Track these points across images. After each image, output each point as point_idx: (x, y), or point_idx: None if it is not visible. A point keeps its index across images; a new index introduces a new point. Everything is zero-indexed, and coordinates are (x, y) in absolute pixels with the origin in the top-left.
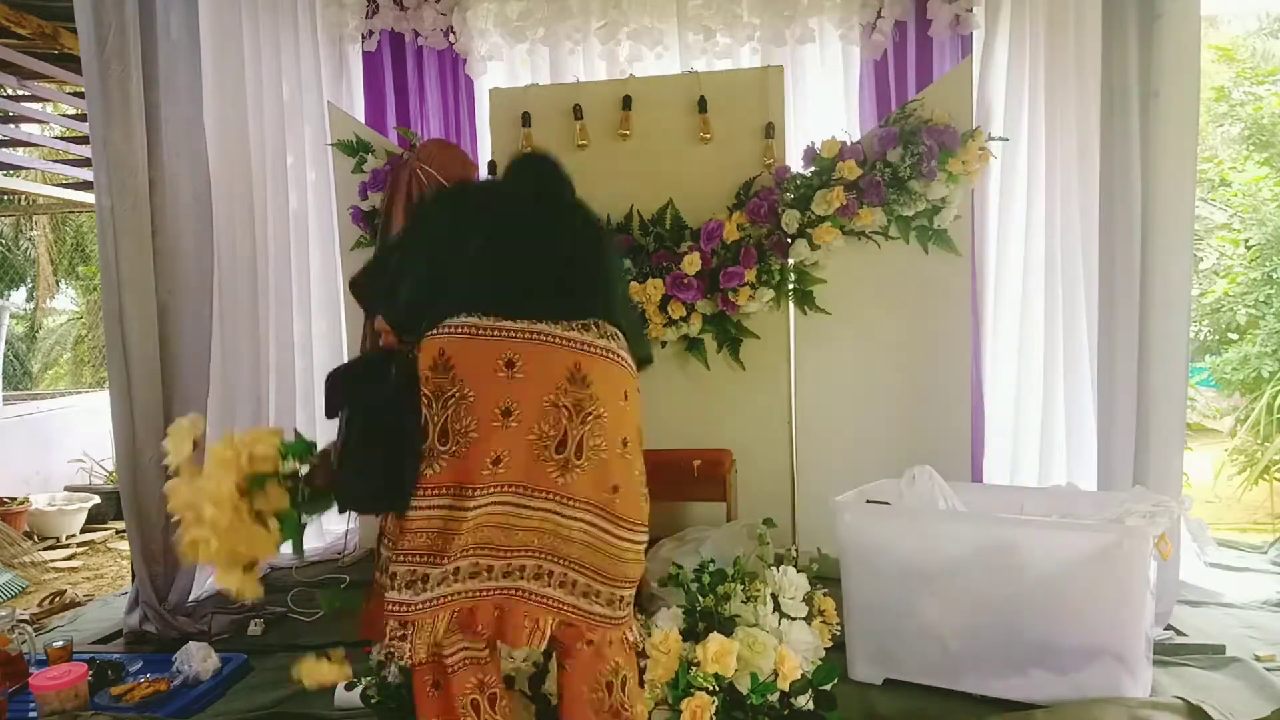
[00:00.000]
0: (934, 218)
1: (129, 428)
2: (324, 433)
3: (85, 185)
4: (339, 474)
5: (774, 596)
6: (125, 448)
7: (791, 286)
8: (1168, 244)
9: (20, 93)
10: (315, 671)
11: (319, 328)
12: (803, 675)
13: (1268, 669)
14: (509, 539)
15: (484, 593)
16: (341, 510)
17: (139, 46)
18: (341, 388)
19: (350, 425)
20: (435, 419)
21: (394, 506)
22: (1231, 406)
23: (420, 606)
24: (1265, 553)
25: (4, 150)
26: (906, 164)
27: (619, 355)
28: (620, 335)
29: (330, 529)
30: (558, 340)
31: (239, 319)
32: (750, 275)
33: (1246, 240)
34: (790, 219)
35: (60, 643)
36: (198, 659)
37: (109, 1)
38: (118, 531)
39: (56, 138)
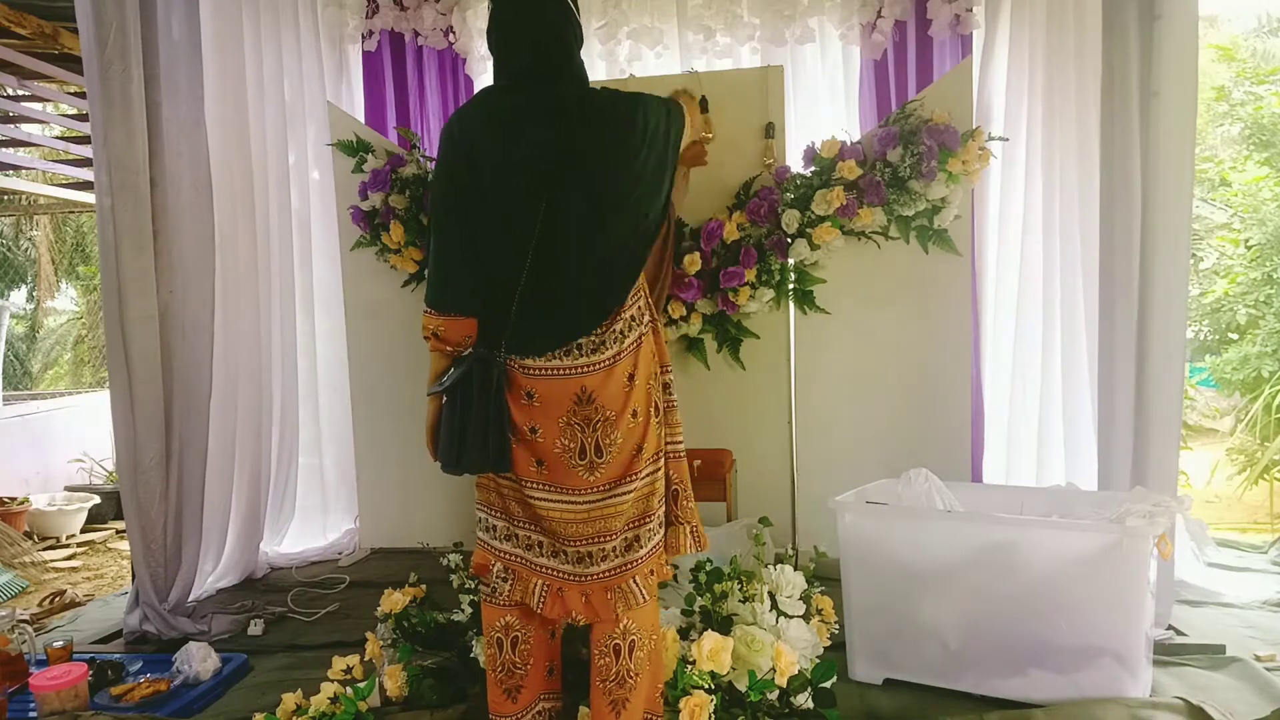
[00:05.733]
0: (934, 218)
1: (129, 428)
2: (327, 428)
3: (85, 185)
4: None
5: (771, 595)
6: (125, 448)
7: (791, 286)
8: (1166, 244)
9: (20, 93)
10: None
11: (322, 328)
12: (801, 673)
13: (1268, 669)
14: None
15: (568, 577)
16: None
17: (140, 46)
18: None
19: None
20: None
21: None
22: (1231, 406)
23: (518, 560)
24: (1265, 553)
25: (4, 150)
26: (906, 164)
27: (616, 356)
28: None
29: (337, 535)
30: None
31: (240, 319)
32: (750, 275)
33: (1246, 240)
34: (790, 219)
35: (60, 643)
36: (198, 659)
37: (110, 1)
38: (118, 531)
39: (56, 138)
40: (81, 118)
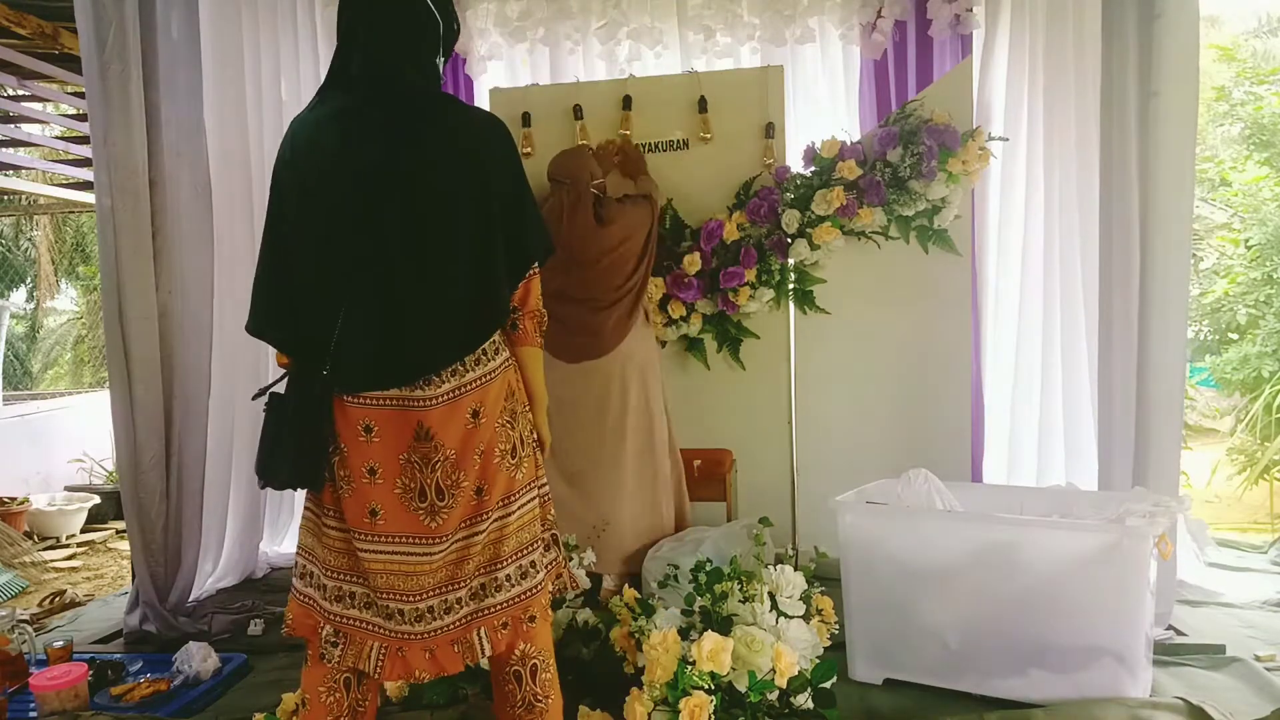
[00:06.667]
0: (934, 218)
1: (129, 428)
2: None
3: (85, 185)
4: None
5: (771, 595)
6: (125, 448)
7: (791, 286)
8: (1166, 244)
9: (20, 93)
10: None
11: None
12: (801, 673)
13: (1268, 669)
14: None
15: (406, 636)
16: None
17: (139, 46)
18: None
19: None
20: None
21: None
22: (1231, 406)
23: (351, 622)
24: (1265, 553)
25: (4, 150)
26: (906, 164)
27: (458, 390)
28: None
29: None
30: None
31: (239, 319)
32: (750, 275)
33: (1246, 240)
34: (790, 219)
35: (60, 643)
36: (198, 659)
37: (109, 1)
38: (118, 531)
39: (56, 138)
40: (81, 118)
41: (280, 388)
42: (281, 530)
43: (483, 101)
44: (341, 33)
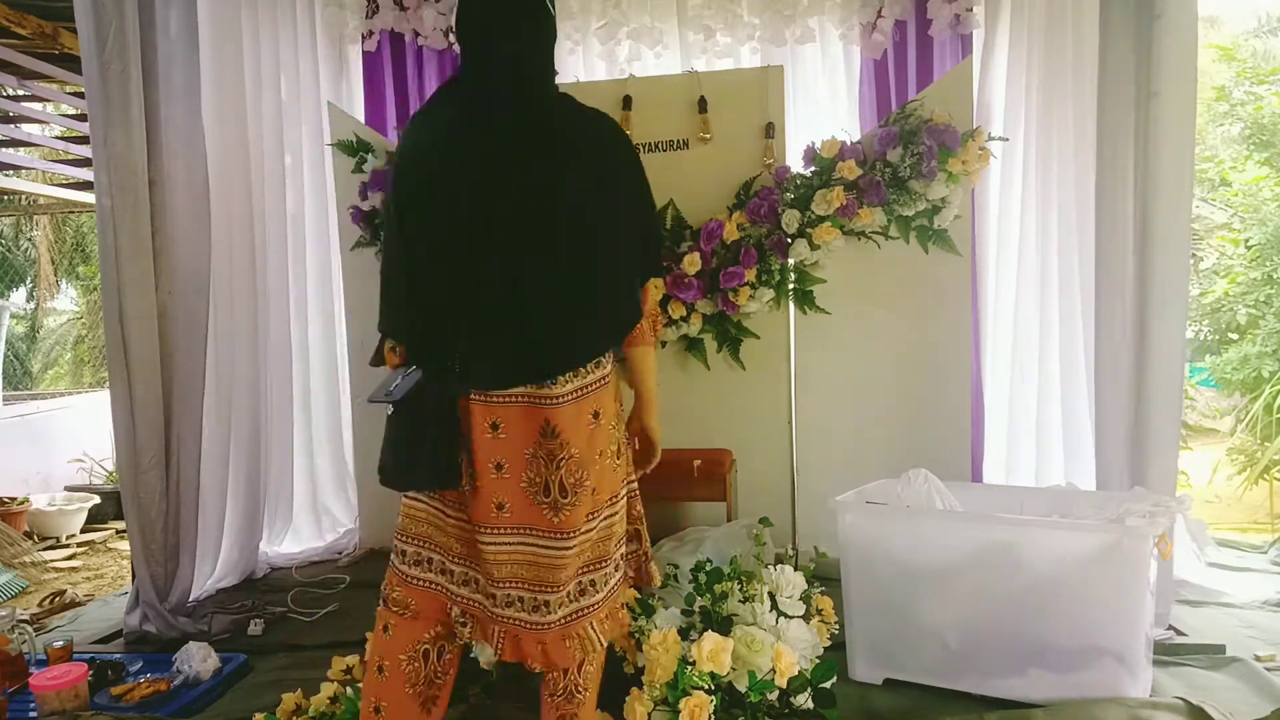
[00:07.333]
0: (934, 218)
1: (129, 428)
2: (326, 428)
3: (85, 185)
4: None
5: (771, 595)
6: (125, 448)
7: (791, 286)
8: (1165, 244)
9: (20, 93)
10: None
11: (316, 330)
12: (801, 673)
13: (1268, 669)
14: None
15: (521, 624)
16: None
17: (139, 46)
18: None
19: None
20: None
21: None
22: (1231, 406)
23: (475, 605)
24: (1265, 553)
25: (4, 150)
26: (906, 164)
27: (581, 391)
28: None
29: (341, 524)
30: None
31: (237, 320)
32: (750, 275)
33: (1246, 240)
34: (790, 219)
35: (60, 643)
36: (198, 659)
37: (109, 1)
38: (118, 531)
39: (56, 138)
40: (81, 118)
41: (398, 389)
42: (281, 530)
43: None
44: (461, 35)
